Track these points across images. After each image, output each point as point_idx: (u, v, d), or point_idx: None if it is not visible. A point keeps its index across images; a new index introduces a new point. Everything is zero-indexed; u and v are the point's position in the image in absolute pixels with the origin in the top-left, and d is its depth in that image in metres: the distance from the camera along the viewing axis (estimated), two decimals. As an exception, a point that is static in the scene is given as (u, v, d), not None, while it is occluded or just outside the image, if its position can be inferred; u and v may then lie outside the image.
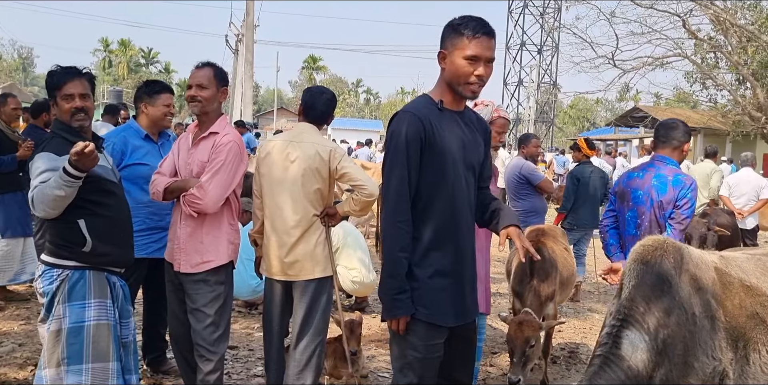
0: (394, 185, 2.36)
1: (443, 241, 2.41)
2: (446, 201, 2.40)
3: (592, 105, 64.23)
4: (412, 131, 2.33)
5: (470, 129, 2.52)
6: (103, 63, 66.53)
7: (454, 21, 2.40)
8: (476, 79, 2.35)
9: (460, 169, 2.42)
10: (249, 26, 19.07)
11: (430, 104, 2.44)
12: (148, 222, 3.73)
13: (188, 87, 3.34)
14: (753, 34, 20.00)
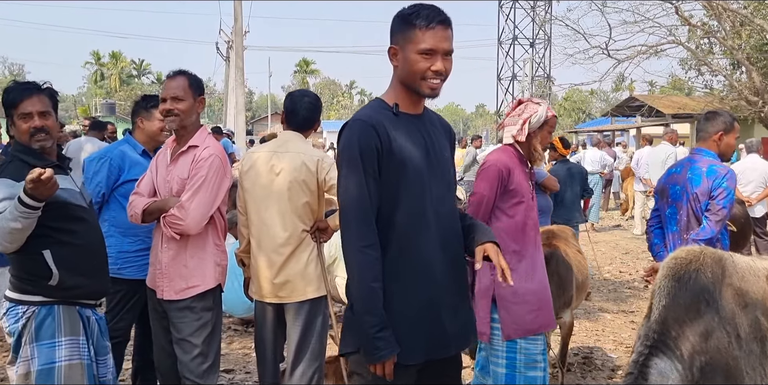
0: (353, 206, 2.05)
1: (410, 262, 2.10)
2: (411, 218, 2.10)
3: (587, 96, 63.97)
4: (366, 142, 2.04)
5: (433, 133, 2.24)
6: (95, 76, 66.27)
7: (403, 11, 2.11)
8: (433, 74, 2.08)
9: (425, 179, 2.13)
10: (238, 32, 18.81)
11: (383, 109, 2.15)
12: (147, 241, 3.47)
13: (162, 100, 3.09)
14: (746, 17, 19.76)
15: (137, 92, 51.00)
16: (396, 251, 2.08)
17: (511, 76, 42.88)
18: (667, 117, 26.92)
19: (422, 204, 2.12)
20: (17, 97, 2.62)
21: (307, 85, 67.77)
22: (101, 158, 3.56)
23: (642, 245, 10.37)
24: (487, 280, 3.03)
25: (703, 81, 23.64)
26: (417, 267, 2.10)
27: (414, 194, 2.10)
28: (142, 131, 3.68)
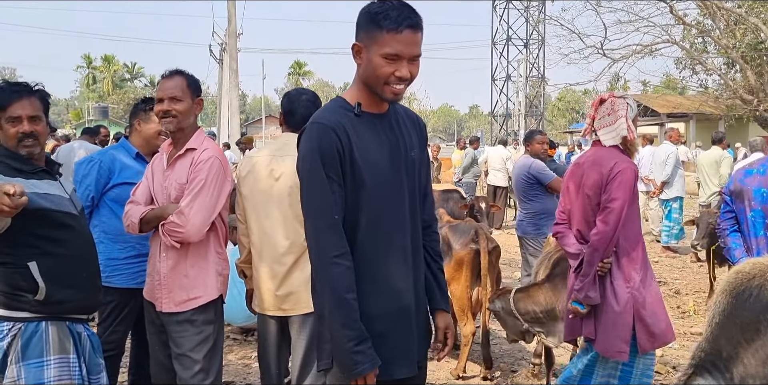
0: (320, 214, 1.92)
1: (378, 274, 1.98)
2: (377, 223, 1.98)
3: (580, 96, 64.01)
4: (326, 145, 1.92)
5: (399, 131, 2.10)
6: (87, 79, 65.94)
7: (371, 8, 1.94)
8: (397, 80, 1.94)
9: (390, 182, 2.01)
10: (231, 34, 18.65)
11: (344, 109, 2.02)
12: (139, 248, 3.33)
13: (158, 101, 2.92)
14: (741, 16, 19.74)
15: (130, 96, 50.81)
16: (362, 259, 1.96)
17: (505, 77, 42.81)
18: (662, 116, 26.88)
19: (388, 208, 2.01)
20: (6, 100, 2.45)
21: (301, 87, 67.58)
22: (91, 161, 3.42)
23: (646, 245, 10.25)
24: (624, 295, 2.95)
25: (698, 80, 23.66)
26: (382, 276, 1.99)
27: (379, 199, 1.99)
28: (139, 134, 3.53)
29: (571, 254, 3.15)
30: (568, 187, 3.17)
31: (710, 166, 8.57)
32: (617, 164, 2.96)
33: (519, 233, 5.81)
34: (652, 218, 10.85)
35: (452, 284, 4.35)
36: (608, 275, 3.01)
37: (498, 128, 43.21)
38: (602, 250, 2.95)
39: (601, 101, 3.09)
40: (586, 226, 3.06)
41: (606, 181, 2.95)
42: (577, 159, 3.27)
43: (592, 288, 2.97)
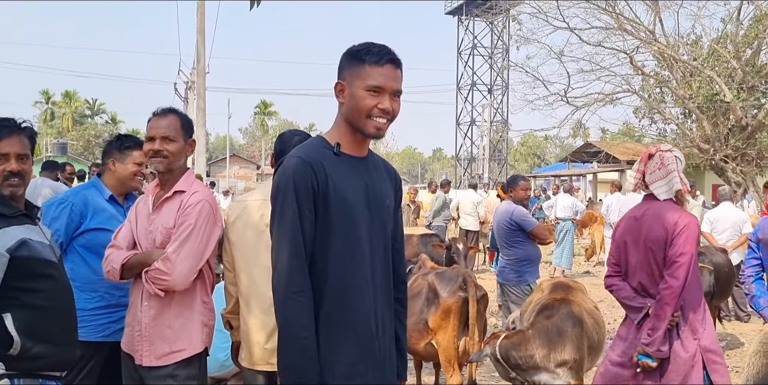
0: (286, 248, 1.89)
1: (344, 316, 1.94)
2: (345, 265, 1.95)
3: (542, 142, 65.46)
4: (301, 180, 1.90)
5: (376, 178, 2.09)
6: (45, 115, 64.77)
7: (353, 47, 2.04)
8: (380, 112, 1.97)
9: (362, 225, 1.98)
10: (200, 73, 18.56)
11: (324, 148, 2.01)
12: (107, 298, 3.13)
13: (149, 139, 2.78)
14: (696, 68, 20.56)
15: (90, 132, 49.99)
16: (327, 299, 1.93)
17: (469, 121, 43.56)
18: (622, 163, 27.54)
19: (358, 251, 1.97)
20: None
21: (265, 126, 67.60)
22: (61, 203, 3.19)
23: (614, 292, 10.27)
24: (692, 348, 2.98)
25: (657, 129, 24.40)
26: (349, 318, 1.96)
27: (349, 240, 1.96)
28: (113, 174, 3.34)
29: (633, 307, 3.15)
30: (625, 240, 3.17)
31: (680, 214, 8.68)
32: (681, 218, 3.00)
33: (500, 280, 5.72)
34: (621, 264, 10.94)
35: (439, 333, 4.21)
36: (674, 328, 3.03)
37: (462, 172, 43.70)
38: (673, 304, 2.96)
39: (650, 156, 3.16)
40: (649, 279, 3.06)
41: (672, 236, 2.97)
42: (631, 213, 3.26)
43: (663, 342, 2.96)
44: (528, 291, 5.38)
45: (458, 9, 46.36)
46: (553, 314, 3.85)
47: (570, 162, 33.26)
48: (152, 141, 2.75)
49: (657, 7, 20.39)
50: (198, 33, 18.23)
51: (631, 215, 3.23)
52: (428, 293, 4.32)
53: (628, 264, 3.15)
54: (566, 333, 3.77)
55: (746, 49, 20.62)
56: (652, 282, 3.05)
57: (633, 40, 21.11)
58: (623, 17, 20.53)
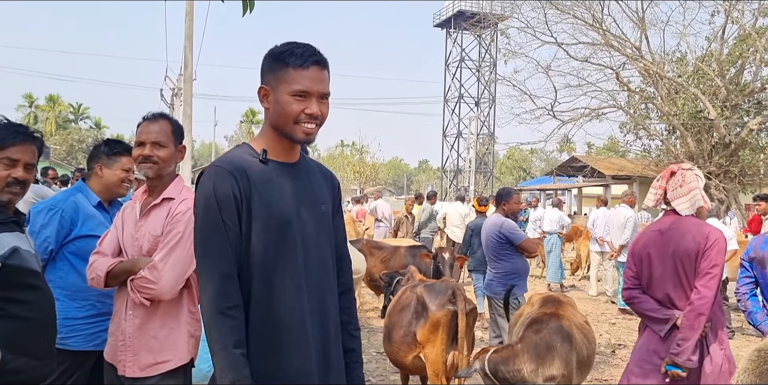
0: (212, 262, 1.79)
1: (276, 332, 1.84)
2: (277, 277, 1.84)
3: (528, 155, 65.84)
4: (223, 190, 1.80)
5: (309, 184, 1.99)
6: (28, 119, 64.10)
7: (275, 49, 1.92)
8: (308, 117, 1.87)
9: (293, 235, 1.88)
10: (187, 79, 18.40)
11: (249, 155, 1.92)
12: (99, 307, 3.03)
13: (138, 144, 2.72)
14: (681, 85, 20.80)
15: (74, 137, 49.49)
16: (258, 314, 1.83)
17: (456, 134, 43.71)
18: (608, 178, 27.73)
19: (288, 261, 1.87)
20: (7, 139, 2.26)
21: (252, 135, 67.51)
22: (51, 209, 3.09)
23: (600, 306, 10.27)
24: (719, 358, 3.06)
25: (641, 144, 24.63)
26: (282, 333, 1.85)
27: (278, 250, 1.85)
28: (99, 180, 3.25)
29: (658, 319, 3.18)
30: (648, 253, 3.23)
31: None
32: (712, 232, 3.08)
33: (488, 293, 5.68)
34: (606, 279, 10.95)
35: (427, 346, 4.15)
36: (703, 338, 3.10)
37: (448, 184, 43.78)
38: (707, 313, 3.02)
39: (672, 174, 3.24)
40: (677, 291, 3.12)
41: (704, 249, 3.05)
42: (653, 227, 3.32)
43: (693, 352, 3.02)
44: (516, 304, 5.34)
45: (447, 22, 46.71)
46: (542, 328, 3.81)
47: (556, 176, 33.43)
48: (142, 146, 2.68)
49: (643, 25, 20.66)
50: (186, 39, 18.13)
51: (654, 229, 3.29)
52: (417, 305, 4.26)
53: (652, 276, 3.22)
54: (555, 348, 3.72)
55: (730, 67, 20.91)
56: (679, 294, 3.12)
57: (619, 56, 21.37)
58: (610, 34, 20.78)
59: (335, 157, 48.36)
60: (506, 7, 31.68)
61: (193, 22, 17.90)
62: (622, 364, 6.77)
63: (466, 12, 42.37)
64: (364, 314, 9.07)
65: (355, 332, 2.11)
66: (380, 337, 7.41)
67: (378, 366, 6.35)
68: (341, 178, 42.00)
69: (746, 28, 19.37)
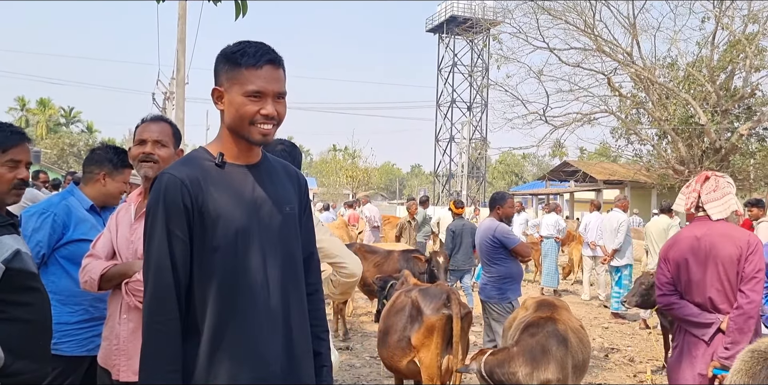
0: (155, 274, 1.75)
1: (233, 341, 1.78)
2: (233, 286, 1.79)
3: (520, 160, 66.02)
4: (172, 198, 1.76)
5: (272, 184, 1.94)
6: (20, 122, 63.76)
7: (227, 48, 1.86)
8: (263, 118, 1.82)
9: (251, 240, 1.82)
10: (180, 83, 18.35)
11: (204, 160, 1.87)
12: (92, 311, 3.00)
13: (140, 142, 2.69)
14: (672, 91, 20.93)
15: (65, 141, 49.21)
16: (215, 326, 1.77)
17: (448, 138, 43.78)
18: (599, 183, 27.85)
19: (252, 269, 1.81)
20: (8, 141, 2.26)
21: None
22: (43, 213, 3.05)
23: (593, 310, 10.29)
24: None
25: (633, 149, 24.75)
26: (241, 346, 1.78)
27: (237, 257, 1.80)
28: (101, 188, 3.22)
29: (701, 323, 3.20)
30: (686, 259, 3.24)
31: (659, 235, 8.76)
32: (751, 237, 3.16)
33: (482, 297, 5.66)
34: (599, 283, 10.97)
35: (422, 351, 4.14)
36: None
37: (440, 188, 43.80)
38: (756, 317, 3.10)
39: (706, 178, 3.32)
40: (720, 295, 3.16)
41: (747, 254, 3.10)
42: (688, 233, 3.32)
43: None
44: (510, 309, 5.33)
45: (439, 27, 46.87)
46: (538, 332, 3.81)
47: (548, 180, 33.54)
48: (143, 144, 2.66)
49: (635, 30, 20.79)
50: (178, 42, 18.09)
51: (688, 235, 3.30)
52: (411, 309, 4.25)
53: (690, 281, 3.24)
54: (551, 352, 3.72)
55: (721, 73, 21.06)
56: (722, 298, 3.15)
57: (611, 61, 21.49)
58: (602, 39, 20.90)
59: (328, 161, 48.24)
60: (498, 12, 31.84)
61: (185, 26, 17.85)
62: (615, 368, 6.79)
63: (458, 17, 42.54)
64: (357, 318, 9.04)
65: (323, 334, 2.06)
66: (373, 341, 7.40)
67: (371, 371, 6.33)
68: (334, 183, 41.95)
69: (736, 34, 19.53)
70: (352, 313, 9.06)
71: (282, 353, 1.85)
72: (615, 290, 9.51)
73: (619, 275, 9.47)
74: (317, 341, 2.02)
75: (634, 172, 25.50)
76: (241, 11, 3.94)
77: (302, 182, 2.09)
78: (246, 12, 3.96)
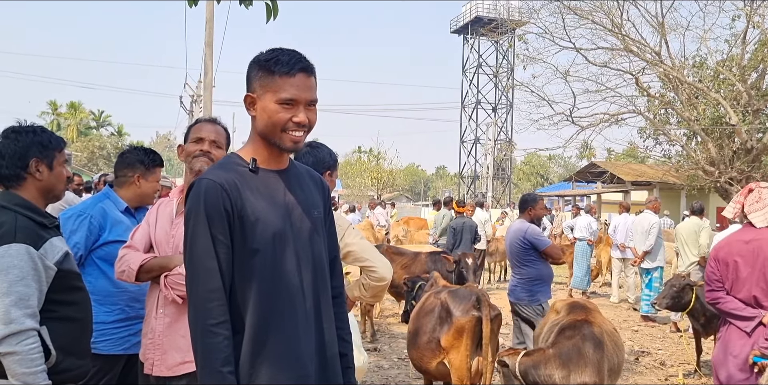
0: (201, 278, 1.77)
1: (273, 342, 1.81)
2: (272, 288, 1.83)
3: (545, 161, 65.50)
4: (213, 203, 1.79)
5: (301, 190, 1.98)
6: (52, 126, 64.98)
7: (261, 56, 1.90)
8: (295, 126, 1.86)
9: (286, 243, 1.87)
10: (207, 86, 18.56)
11: (238, 165, 1.90)
12: (128, 311, 3.06)
13: (198, 140, 2.77)
14: (702, 90, 20.58)
15: (95, 144, 50.01)
16: (256, 328, 1.80)
17: (473, 140, 43.62)
18: (627, 184, 27.48)
19: (286, 271, 1.86)
20: (60, 142, 2.38)
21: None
22: (80, 216, 3.13)
23: (622, 313, 10.17)
24: None
25: (661, 150, 24.39)
26: (281, 347, 1.82)
27: (275, 261, 1.84)
28: (135, 189, 3.29)
29: (745, 316, 3.51)
30: (735, 260, 3.54)
31: (689, 236, 8.61)
32: None
33: (512, 299, 5.64)
34: (628, 286, 10.83)
35: (451, 352, 4.13)
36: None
37: (465, 190, 43.65)
38: None
39: (750, 191, 3.64)
40: (763, 293, 3.48)
41: None
42: (736, 237, 3.63)
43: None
44: (540, 311, 5.30)
45: (464, 28, 46.73)
46: (574, 334, 3.80)
47: (574, 182, 33.19)
48: (201, 142, 2.75)
49: (663, 30, 20.49)
50: (206, 46, 18.31)
51: (737, 239, 3.61)
52: (441, 311, 4.25)
53: (737, 280, 3.55)
54: (587, 355, 3.70)
55: (752, 72, 20.66)
56: (765, 295, 3.48)
57: (639, 61, 21.20)
58: (629, 38, 20.62)
59: (352, 163, 48.39)
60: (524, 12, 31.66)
61: (213, 29, 18.07)
62: (646, 371, 6.71)
63: (483, 18, 42.35)
64: (384, 320, 9.06)
65: (347, 336, 2.10)
66: (401, 343, 7.41)
67: (400, 372, 6.33)
68: (358, 185, 42.03)
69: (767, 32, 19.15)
70: (379, 314, 9.08)
71: (316, 354, 1.89)
72: (645, 292, 9.38)
73: (649, 277, 9.34)
74: (342, 342, 2.05)
75: (662, 173, 25.12)
76: (272, 14, 3.98)
77: (325, 187, 2.14)
78: (277, 14, 4.00)
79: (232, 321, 1.79)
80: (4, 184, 2.29)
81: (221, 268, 1.78)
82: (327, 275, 2.00)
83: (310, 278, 1.91)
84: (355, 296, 2.88)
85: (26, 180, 2.28)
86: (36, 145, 2.28)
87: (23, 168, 2.26)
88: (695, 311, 6.27)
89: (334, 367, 1.97)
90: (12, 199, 2.24)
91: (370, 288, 2.85)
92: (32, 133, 2.31)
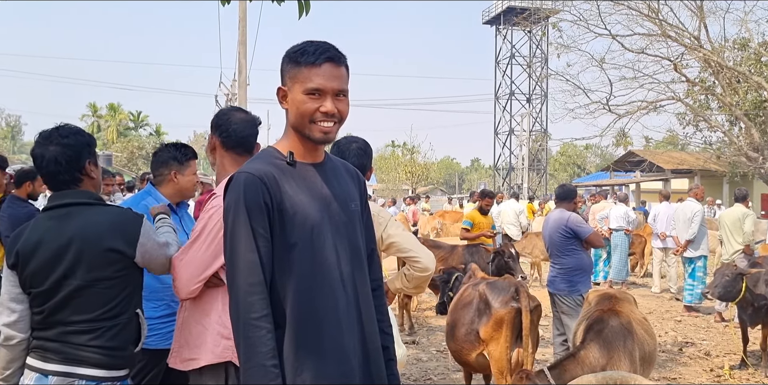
0: (243, 271, 1.76)
1: (316, 336, 1.81)
2: (311, 281, 1.82)
3: (582, 151, 64.53)
4: (253, 197, 1.78)
5: (337, 183, 1.97)
6: (92, 128, 66.46)
7: (291, 49, 1.89)
8: (323, 116, 1.84)
9: (325, 236, 1.85)
10: (241, 84, 18.76)
11: (276, 159, 1.90)
12: (173, 306, 3.08)
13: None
14: (744, 74, 20.01)
15: (134, 144, 51.03)
16: (298, 322, 1.80)
17: (508, 131, 43.22)
18: (667, 172, 26.91)
19: (324, 265, 1.85)
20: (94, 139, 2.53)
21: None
22: None
23: (664, 303, 9.98)
24: None
25: (702, 137, 23.80)
26: (325, 341, 1.82)
27: (315, 254, 1.83)
28: (175, 186, 3.34)
29: None
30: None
31: (733, 224, 8.40)
32: None
33: (551, 290, 5.59)
34: (670, 276, 10.63)
35: (491, 344, 4.13)
36: None
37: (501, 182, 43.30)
38: None
39: None
40: None
41: None
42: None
43: None
44: (580, 302, 5.24)
45: (496, 18, 46.28)
46: (603, 328, 3.74)
47: (612, 171, 32.65)
48: None
49: (702, 13, 19.94)
50: (240, 45, 18.49)
51: None
52: (479, 303, 4.24)
53: None
54: (619, 348, 3.65)
55: (797, 54, 20.01)
56: None
57: (677, 46, 20.70)
58: (667, 23, 20.14)
59: (386, 157, 48.40)
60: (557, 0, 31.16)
61: (246, 28, 18.22)
62: (690, 362, 6.58)
63: (515, 8, 41.86)
64: (422, 313, 9.06)
65: (388, 329, 2.09)
66: (440, 335, 7.41)
67: (438, 364, 6.34)
68: (393, 179, 42.03)
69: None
70: (417, 307, 9.09)
71: (359, 348, 1.89)
72: (688, 282, 9.19)
73: (692, 266, 9.14)
74: (383, 335, 2.05)
75: (703, 160, 24.53)
76: (304, 10, 4.01)
77: (361, 180, 2.13)
78: (309, 10, 4.02)
79: (273, 315, 1.79)
80: (61, 188, 2.36)
81: (262, 261, 1.77)
82: (366, 267, 2.00)
83: (350, 271, 1.91)
84: (396, 288, 2.89)
85: (83, 181, 2.37)
86: (86, 146, 2.35)
87: (80, 171, 2.35)
88: (744, 301, 6.12)
89: (377, 360, 1.97)
90: (92, 195, 2.39)
91: (413, 279, 2.85)
92: (79, 135, 2.37)
